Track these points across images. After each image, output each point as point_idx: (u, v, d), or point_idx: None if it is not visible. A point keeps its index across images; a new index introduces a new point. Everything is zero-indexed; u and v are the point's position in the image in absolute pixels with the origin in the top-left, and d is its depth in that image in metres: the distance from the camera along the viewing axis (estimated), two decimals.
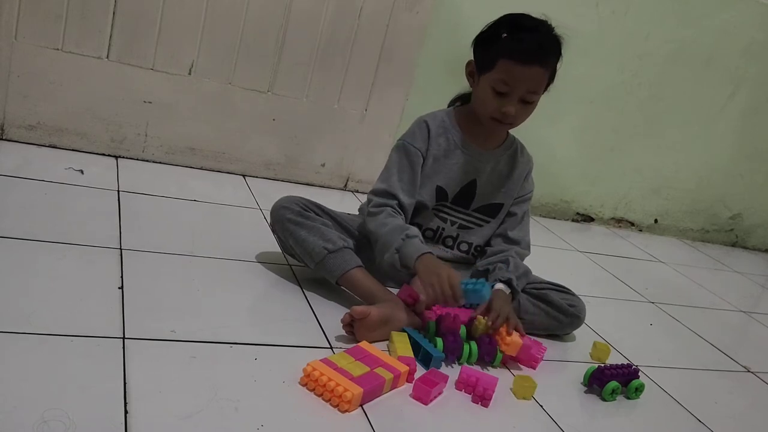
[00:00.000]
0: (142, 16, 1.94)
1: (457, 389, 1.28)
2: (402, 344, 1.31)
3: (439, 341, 1.35)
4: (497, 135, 1.58)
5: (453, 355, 1.36)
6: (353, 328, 1.33)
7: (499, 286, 1.47)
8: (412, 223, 1.55)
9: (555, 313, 1.56)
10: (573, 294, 1.61)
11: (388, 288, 1.49)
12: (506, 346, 1.39)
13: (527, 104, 1.45)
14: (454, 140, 1.54)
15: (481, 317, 1.42)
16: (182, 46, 2.01)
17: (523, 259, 1.58)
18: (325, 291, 1.52)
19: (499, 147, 1.59)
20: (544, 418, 1.27)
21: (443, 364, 1.34)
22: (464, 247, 1.61)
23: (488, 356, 1.37)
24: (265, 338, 1.27)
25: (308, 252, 1.46)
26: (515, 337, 1.40)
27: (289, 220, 1.48)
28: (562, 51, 1.47)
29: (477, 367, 1.36)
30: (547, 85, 1.48)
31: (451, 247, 1.60)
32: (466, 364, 1.36)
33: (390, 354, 1.31)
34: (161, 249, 1.51)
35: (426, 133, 1.53)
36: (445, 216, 1.58)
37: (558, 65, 1.47)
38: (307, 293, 1.49)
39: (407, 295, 1.45)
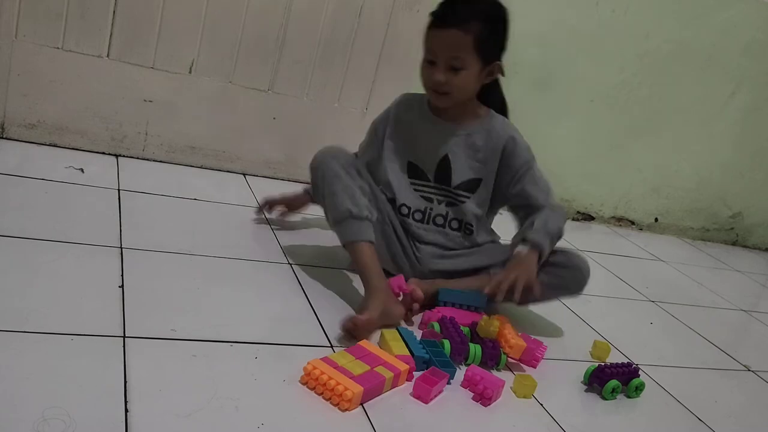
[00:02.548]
0: (142, 14, 1.94)
1: (462, 386, 1.28)
2: (396, 343, 1.31)
3: (446, 343, 1.35)
4: (465, 110, 1.58)
5: (460, 356, 1.35)
6: (353, 331, 1.34)
7: (518, 249, 1.49)
8: (400, 204, 1.61)
9: (551, 269, 1.54)
10: (571, 252, 1.61)
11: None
12: (510, 349, 1.39)
13: (457, 71, 1.46)
14: (425, 114, 1.60)
15: (486, 316, 1.42)
16: (182, 45, 2.01)
17: (557, 216, 1.55)
18: (325, 290, 1.52)
19: (472, 121, 1.59)
20: (544, 416, 1.27)
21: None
22: (455, 224, 1.62)
23: (491, 361, 1.37)
24: (266, 337, 1.27)
25: (334, 206, 1.48)
26: (518, 339, 1.40)
27: (332, 170, 1.49)
28: (501, 14, 1.48)
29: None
30: (483, 51, 1.46)
31: (443, 226, 1.61)
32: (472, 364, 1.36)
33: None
34: (162, 248, 1.51)
35: (394, 105, 1.66)
36: (431, 195, 1.61)
37: (491, 29, 1.46)
38: (307, 292, 1.49)
39: (396, 285, 1.47)
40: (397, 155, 1.62)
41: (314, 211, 1.78)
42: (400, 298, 1.47)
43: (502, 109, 1.63)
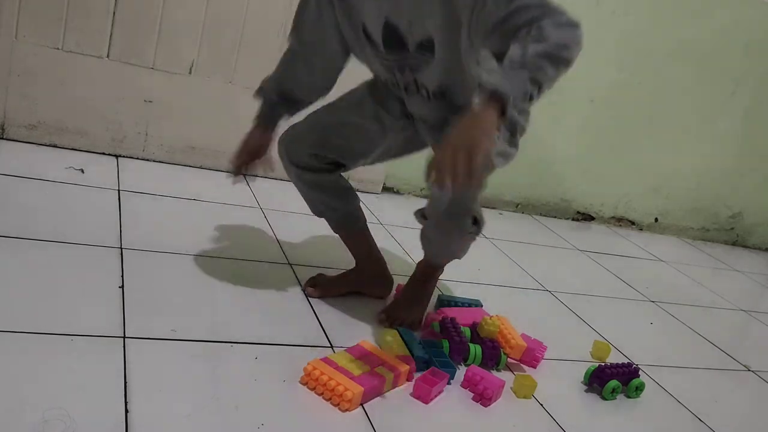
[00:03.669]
0: (142, 15, 1.94)
1: (462, 386, 1.28)
2: (396, 343, 1.31)
3: (445, 343, 1.35)
4: None
5: (459, 356, 1.35)
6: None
7: (475, 102, 1.04)
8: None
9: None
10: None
11: None
12: (510, 349, 1.39)
13: None
14: None
15: (487, 316, 1.42)
16: (182, 46, 2.01)
17: (551, 32, 1.05)
18: None
19: None
20: (544, 417, 1.27)
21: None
22: (424, 92, 1.33)
23: (491, 361, 1.37)
24: (266, 337, 1.27)
25: (311, 206, 1.54)
26: (518, 339, 1.40)
27: (294, 173, 1.52)
28: None
29: None
30: None
31: (417, 90, 1.34)
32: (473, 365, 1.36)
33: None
34: (162, 248, 1.51)
35: None
36: (390, 64, 1.33)
37: None
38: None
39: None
40: (350, 18, 1.32)
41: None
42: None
43: None
